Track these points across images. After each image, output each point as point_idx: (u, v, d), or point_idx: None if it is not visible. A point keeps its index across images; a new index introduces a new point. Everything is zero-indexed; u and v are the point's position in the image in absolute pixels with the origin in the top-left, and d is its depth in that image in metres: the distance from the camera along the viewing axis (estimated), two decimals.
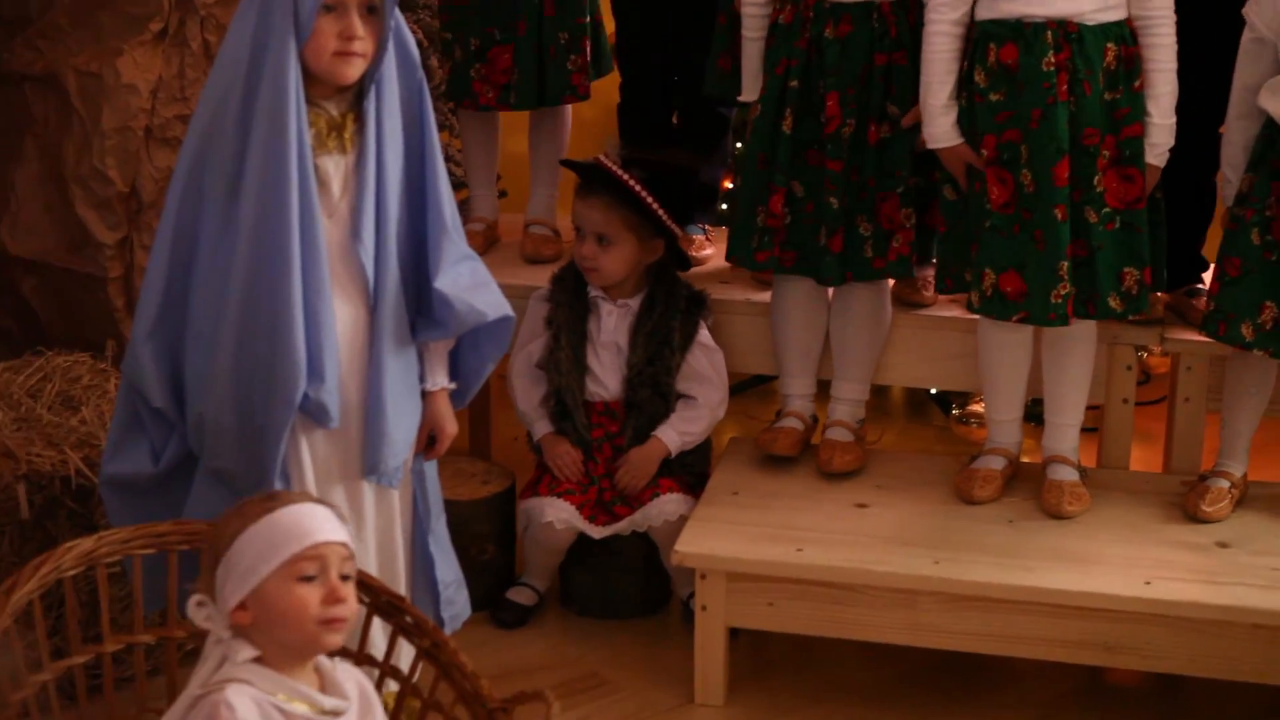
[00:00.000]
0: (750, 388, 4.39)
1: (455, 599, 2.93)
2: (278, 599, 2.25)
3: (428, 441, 2.85)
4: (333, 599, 2.25)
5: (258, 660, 2.27)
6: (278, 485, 2.64)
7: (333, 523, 2.30)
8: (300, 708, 2.26)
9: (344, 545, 2.30)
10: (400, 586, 2.83)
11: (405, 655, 2.67)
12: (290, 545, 2.25)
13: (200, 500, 2.69)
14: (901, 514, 3.32)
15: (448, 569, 2.93)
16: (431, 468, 2.91)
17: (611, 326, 3.50)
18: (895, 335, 3.57)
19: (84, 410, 3.17)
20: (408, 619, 2.61)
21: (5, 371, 3.33)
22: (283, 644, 2.27)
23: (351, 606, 2.30)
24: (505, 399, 3.68)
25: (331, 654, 2.64)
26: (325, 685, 2.34)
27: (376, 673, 2.67)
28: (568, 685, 3.24)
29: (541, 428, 3.50)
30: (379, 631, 2.69)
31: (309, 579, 2.25)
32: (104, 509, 2.85)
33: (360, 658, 2.66)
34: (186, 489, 2.73)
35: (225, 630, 2.28)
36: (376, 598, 2.62)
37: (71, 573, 2.47)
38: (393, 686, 2.72)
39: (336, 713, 2.30)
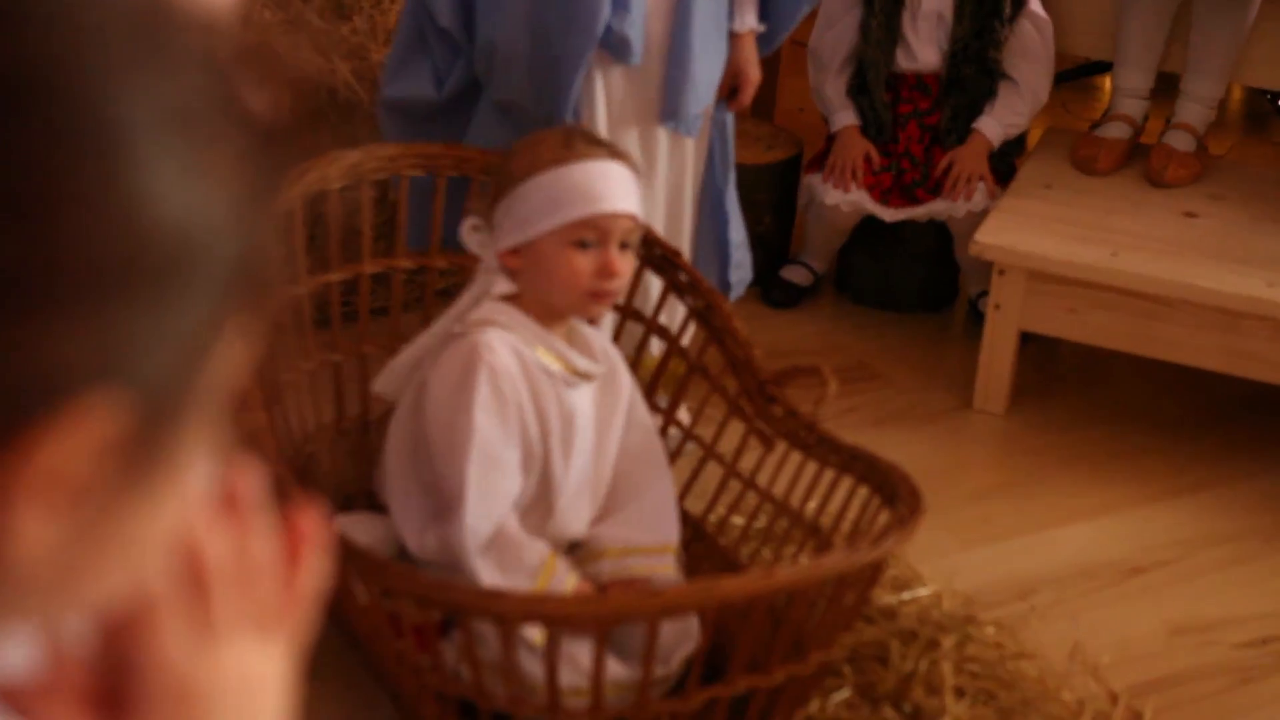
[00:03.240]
0: (1073, 78, 3.99)
1: (743, 262, 2.74)
2: (550, 260, 2.09)
3: (729, 90, 2.59)
4: (608, 273, 2.09)
5: (515, 302, 2.12)
6: (569, 123, 2.44)
7: (624, 187, 2.11)
8: (555, 364, 2.13)
9: (630, 217, 2.11)
10: (683, 242, 2.64)
11: (675, 317, 2.48)
12: (574, 208, 2.08)
13: (481, 132, 2.53)
14: (1235, 228, 2.98)
15: (738, 229, 2.72)
16: (731, 120, 2.67)
17: None
18: (1259, 27, 3.14)
19: (355, 19, 2.98)
20: (682, 276, 2.39)
21: None
22: (545, 301, 2.13)
23: (625, 279, 2.13)
24: (796, 63, 3.38)
25: None
26: (574, 342, 2.19)
27: (641, 331, 2.49)
28: (837, 373, 2.99)
29: (842, 118, 3.18)
30: (652, 287, 2.50)
31: (586, 245, 2.08)
32: (371, 129, 2.67)
33: (626, 311, 2.48)
34: (467, 119, 2.57)
35: (495, 261, 2.14)
36: (651, 250, 2.41)
37: (337, 185, 2.32)
38: (657, 351, 2.53)
39: (588, 375, 2.16)
